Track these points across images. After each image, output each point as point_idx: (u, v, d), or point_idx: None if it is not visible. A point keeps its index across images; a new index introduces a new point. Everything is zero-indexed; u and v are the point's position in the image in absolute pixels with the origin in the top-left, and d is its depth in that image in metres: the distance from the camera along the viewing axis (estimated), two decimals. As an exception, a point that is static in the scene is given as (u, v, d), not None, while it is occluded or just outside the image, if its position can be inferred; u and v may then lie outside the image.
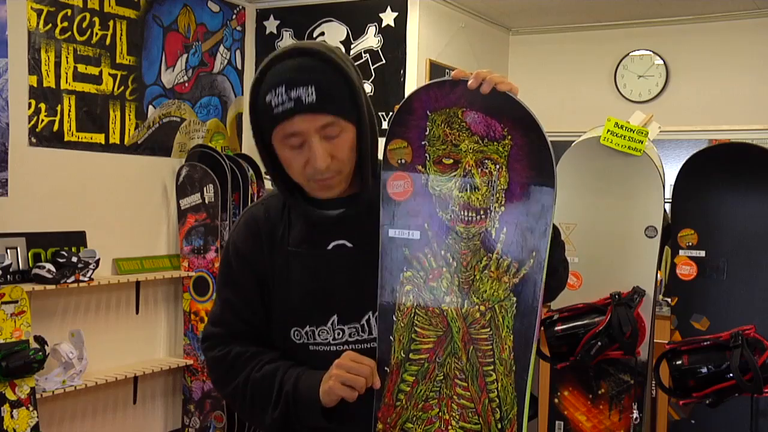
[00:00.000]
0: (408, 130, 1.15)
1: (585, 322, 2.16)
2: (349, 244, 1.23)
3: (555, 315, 2.19)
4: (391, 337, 1.17)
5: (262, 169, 3.99)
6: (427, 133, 1.15)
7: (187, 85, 4.03)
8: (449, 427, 1.17)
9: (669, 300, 2.28)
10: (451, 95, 1.13)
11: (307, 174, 1.18)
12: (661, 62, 4.54)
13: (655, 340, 2.25)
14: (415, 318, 1.16)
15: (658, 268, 2.22)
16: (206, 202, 3.75)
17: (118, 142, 3.72)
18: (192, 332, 3.91)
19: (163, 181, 3.93)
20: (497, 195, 1.14)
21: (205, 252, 3.79)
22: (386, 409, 1.18)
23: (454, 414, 1.17)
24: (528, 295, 1.14)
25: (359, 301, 1.23)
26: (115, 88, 3.70)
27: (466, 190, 1.14)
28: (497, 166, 1.13)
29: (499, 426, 1.16)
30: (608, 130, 2.24)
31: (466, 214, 1.14)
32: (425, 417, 1.17)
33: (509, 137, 1.13)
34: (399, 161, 1.17)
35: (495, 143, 1.13)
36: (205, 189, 3.75)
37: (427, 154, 1.15)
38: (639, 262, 2.19)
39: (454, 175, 1.15)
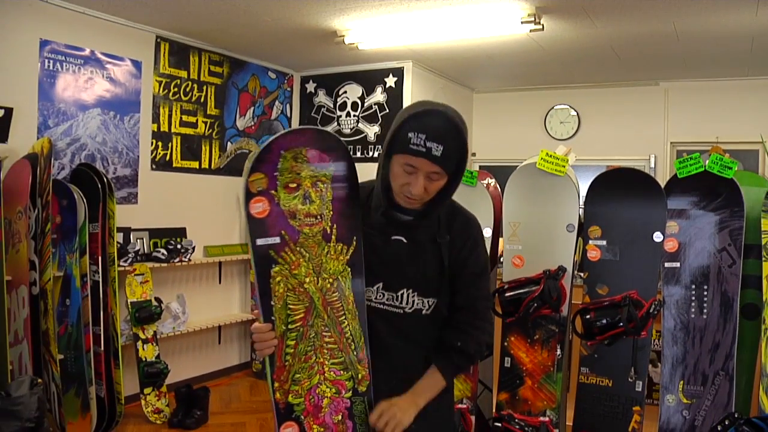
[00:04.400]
0: (265, 165, 1.10)
1: (526, 290, 2.16)
2: (404, 240, 1.18)
3: (505, 285, 2.17)
4: (272, 318, 1.11)
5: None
6: (279, 166, 1.11)
7: (253, 127, 4.02)
8: (324, 367, 1.14)
9: (582, 274, 2.23)
10: (300, 139, 1.11)
11: (403, 190, 1.13)
12: (575, 113, 4.58)
13: (572, 302, 2.22)
14: (287, 299, 1.11)
15: (575, 252, 2.21)
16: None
17: (207, 167, 3.74)
18: (256, 297, 3.91)
19: (237, 193, 3.92)
20: (326, 204, 1.13)
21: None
22: (279, 370, 1.12)
23: (325, 356, 1.14)
24: (356, 263, 1.13)
25: (399, 279, 1.18)
26: (206, 131, 3.73)
27: (306, 203, 1.12)
28: (325, 185, 1.13)
29: (356, 353, 1.14)
30: (541, 158, 2.23)
31: (308, 220, 1.12)
32: (307, 366, 1.13)
33: (333, 165, 1.13)
34: (258, 189, 1.11)
35: (324, 170, 1.12)
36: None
37: (278, 182, 1.11)
38: (562, 248, 2.18)
39: (297, 195, 1.11)
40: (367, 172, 1.21)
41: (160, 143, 3.47)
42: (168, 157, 3.52)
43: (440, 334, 1.19)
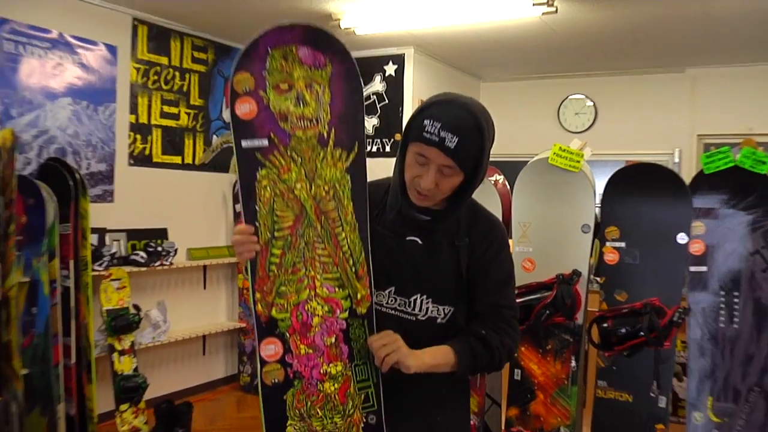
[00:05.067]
0: (252, 64, 1.09)
1: (537, 296, 2.16)
2: (420, 242, 1.18)
3: (515, 291, 2.25)
4: (257, 223, 1.11)
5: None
6: (267, 65, 1.09)
7: (241, 119, 4.05)
8: (315, 282, 1.13)
9: (598, 279, 2.27)
10: (289, 35, 1.09)
11: (415, 182, 1.13)
12: (592, 104, 4.57)
13: (588, 309, 2.25)
14: (274, 204, 1.11)
15: (591, 255, 2.22)
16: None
17: (191, 162, 3.69)
18: (244, 303, 3.82)
19: (223, 191, 3.90)
20: (323, 107, 1.11)
21: None
22: (262, 280, 1.11)
23: (317, 270, 1.13)
24: (358, 171, 1.12)
25: (413, 283, 1.17)
26: (189, 123, 3.68)
27: (300, 105, 1.10)
28: (321, 87, 1.11)
29: (354, 269, 1.13)
30: (554, 153, 2.22)
31: (302, 122, 1.11)
32: (295, 278, 1.12)
33: (330, 65, 1.11)
34: (244, 89, 1.09)
35: (320, 70, 1.11)
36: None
37: (267, 82, 1.10)
38: (577, 250, 2.18)
39: (289, 96, 1.10)
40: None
41: (138, 136, 3.42)
42: (147, 152, 3.47)
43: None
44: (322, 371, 1.14)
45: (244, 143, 1.10)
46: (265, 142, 1.11)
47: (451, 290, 1.18)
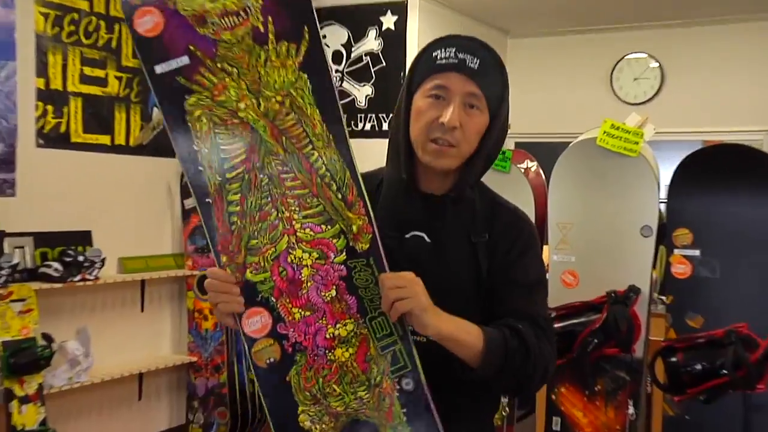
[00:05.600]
0: None
1: (582, 320, 2.20)
2: (427, 239, 1.24)
3: (552, 313, 2.21)
4: (200, 167, 1.14)
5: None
6: None
7: (191, 87, 4.02)
8: (293, 223, 1.16)
9: (664, 298, 2.32)
10: None
11: (431, 128, 1.19)
12: (657, 65, 4.53)
13: (650, 338, 2.27)
14: (217, 138, 1.14)
15: (654, 266, 2.24)
16: (210, 201, 3.73)
17: (123, 143, 3.67)
18: (196, 330, 3.85)
19: (168, 182, 3.88)
20: None
21: (209, 251, 3.70)
22: (223, 239, 1.15)
23: (292, 208, 1.16)
24: (315, 64, 1.13)
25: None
26: (121, 90, 3.64)
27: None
28: None
29: (340, 195, 1.16)
30: (604, 132, 2.26)
31: (226, 21, 1.11)
32: (266, 226, 1.15)
33: None
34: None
35: None
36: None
37: None
38: (634, 260, 2.21)
39: None
40: (357, 151, 1.22)
41: (50, 108, 3.34)
42: (63, 129, 3.41)
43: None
44: (328, 335, 1.17)
45: (158, 69, 1.11)
46: (185, 60, 1.12)
47: (468, 301, 1.22)
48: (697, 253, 2.20)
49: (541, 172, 3.04)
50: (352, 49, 4.14)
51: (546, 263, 2.48)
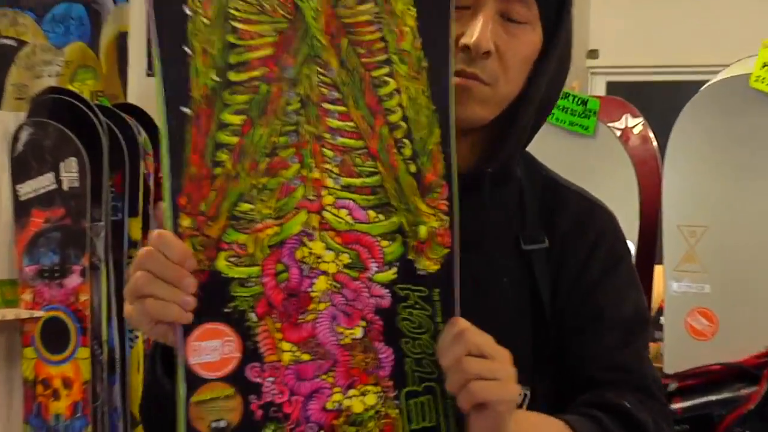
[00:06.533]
0: None
1: (723, 396, 2.23)
2: None
3: (672, 384, 2.26)
4: (185, 48, 1.10)
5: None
6: None
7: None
8: (323, 191, 1.16)
9: None
10: None
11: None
12: None
13: None
14: (230, 6, 1.13)
15: None
16: (64, 188, 3.65)
17: None
18: (38, 416, 3.80)
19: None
20: None
21: (62, 275, 3.65)
22: (194, 186, 1.12)
23: (328, 166, 1.16)
24: None
25: None
26: None
27: None
28: None
29: (414, 167, 1.17)
30: (765, 65, 2.27)
31: None
32: (275, 184, 1.14)
33: None
34: None
35: None
36: (62, 165, 3.64)
37: None
38: None
39: None
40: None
41: None
42: None
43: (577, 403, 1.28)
44: (330, 405, 1.16)
45: None
46: None
47: (520, 347, 1.22)
48: None
49: (651, 135, 3.05)
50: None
51: (657, 295, 2.37)
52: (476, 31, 1.19)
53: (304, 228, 1.14)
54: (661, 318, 2.48)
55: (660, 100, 2.82)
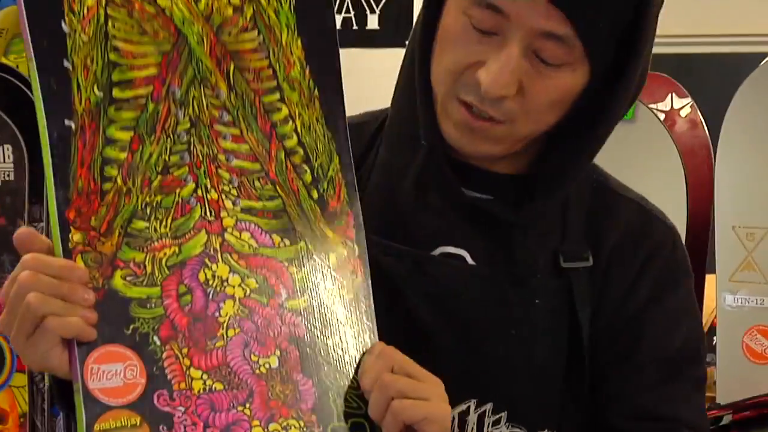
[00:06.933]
0: None
1: None
2: (470, 260, 1.30)
3: (726, 416, 2.36)
4: (66, 63, 1.17)
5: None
6: None
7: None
8: (222, 212, 1.23)
9: None
10: None
11: (462, 82, 1.22)
12: None
13: None
14: (109, 25, 1.20)
15: None
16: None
17: None
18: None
19: None
20: None
21: None
22: (82, 200, 1.18)
23: (226, 187, 1.23)
24: None
25: (457, 373, 1.25)
26: None
27: None
28: None
29: (315, 193, 1.26)
30: None
31: None
32: (170, 202, 1.20)
33: None
34: None
35: None
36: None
37: None
38: None
39: None
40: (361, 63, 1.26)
41: None
42: None
43: None
44: None
45: None
46: None
47: (549, 380, 1.30)
48: None
49: (701, 119, 3.11)
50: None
51: (708, 311, 2.42)
52: (494, 70, 1.19)
53: (206, 249, 1.22)
54: (713, 338, 2.50)
55: (712, 77, 2.83)
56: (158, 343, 1.18)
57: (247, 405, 1.20)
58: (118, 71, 1.21)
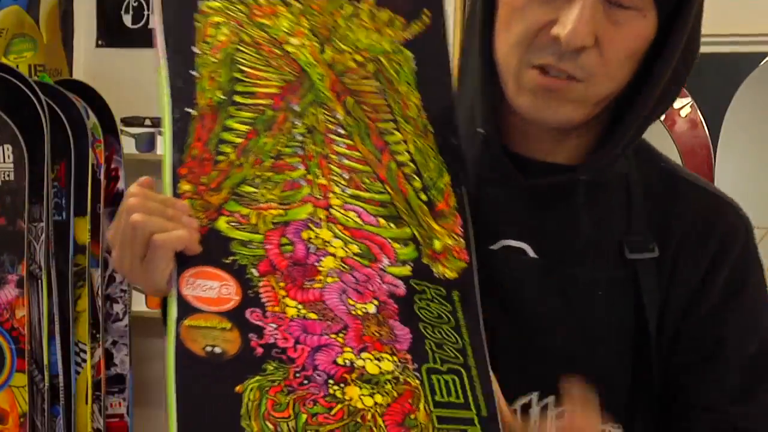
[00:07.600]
0: None
1: None
2: (532, 254, 1.31)
3: None
4: (192, 72, 1.30)
5: (118, 117, 3.84)
6: None
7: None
8: (329, 194, 1.29)
9: None
10: None
11: (536, 44, 1.24)
12: None
13: None
14: (237, 55, 1.32)
15: None
16: (-1, 178, 3.67)
17: None
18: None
19: None
20: None
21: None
22: (196, 163, 1.27)
23: (335, 177, 1.30)
24: (427, 52, 1.38)
25: (520, 365, 1.29)
26: None
27: None
28: None
29: (424, 196, 1.32)
30: None
31: None
32: (279, 179, 1.28)
33: None
34: None
35: None
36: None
37: None
38: None
39: None
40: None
41: None
42: None
43: None
44: (341, 360, 1.23)
45: None
46: None
47: (615, 377, 1.31)
48: None
49: (701, 118, 3.08)
50: None
51: None
52: (571, 20, 1.21)
53: (310, 217, 1.27)
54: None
55: (712, 77, 2.82)
56: (256, 274, 1.23)
57: (340, 334, 1.23)
58: (241, 85, 1.31)
